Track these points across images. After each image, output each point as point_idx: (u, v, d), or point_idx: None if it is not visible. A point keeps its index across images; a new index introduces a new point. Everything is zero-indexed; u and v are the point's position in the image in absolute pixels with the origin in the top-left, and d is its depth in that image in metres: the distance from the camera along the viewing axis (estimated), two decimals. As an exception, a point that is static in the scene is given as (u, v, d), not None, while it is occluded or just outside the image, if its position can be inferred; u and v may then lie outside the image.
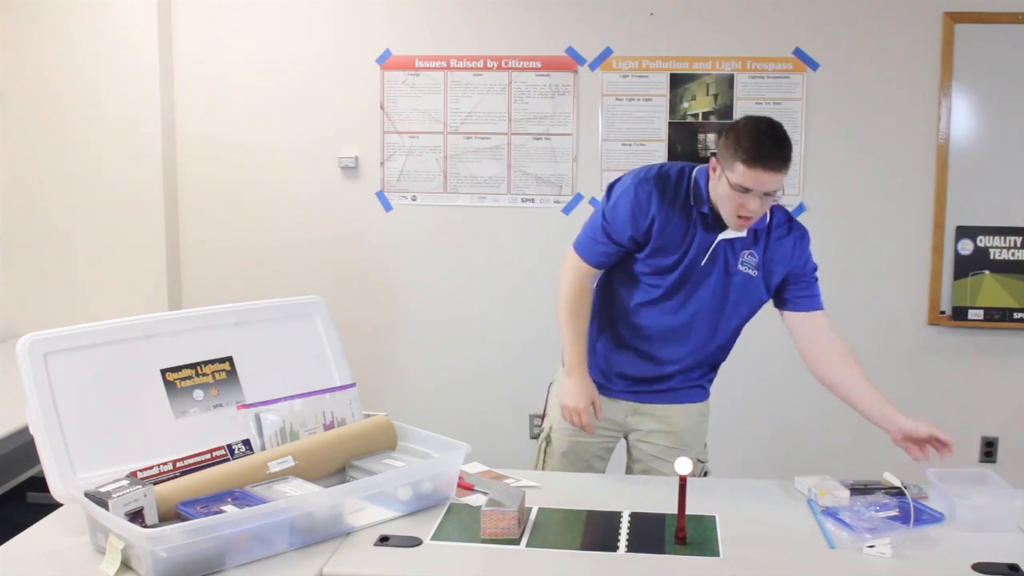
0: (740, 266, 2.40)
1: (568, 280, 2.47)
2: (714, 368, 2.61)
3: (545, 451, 2.63)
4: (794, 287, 2.46)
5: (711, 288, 2.41)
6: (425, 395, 4.17)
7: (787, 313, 2.49)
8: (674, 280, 2.40)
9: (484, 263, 4.17)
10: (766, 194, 2.23)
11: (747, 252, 2.40)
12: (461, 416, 4.10)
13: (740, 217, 2.28)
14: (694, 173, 2.38)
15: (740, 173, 2.20)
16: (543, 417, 2.71)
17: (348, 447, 2.21)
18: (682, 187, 2.37)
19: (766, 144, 2.19)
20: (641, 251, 2.40)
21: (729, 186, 2.23)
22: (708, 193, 2.34)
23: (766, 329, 4.09)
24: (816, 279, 2.49)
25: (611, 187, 2.45)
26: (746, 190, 2.21)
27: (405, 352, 4.23)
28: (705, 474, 2.57)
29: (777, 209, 2.44)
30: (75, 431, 1.96)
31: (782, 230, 2.43)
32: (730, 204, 2.27)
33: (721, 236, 2.36)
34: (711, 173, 2.31)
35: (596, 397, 2.46)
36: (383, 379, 4.11)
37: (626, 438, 2.63)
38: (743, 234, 2.37)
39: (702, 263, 2.38)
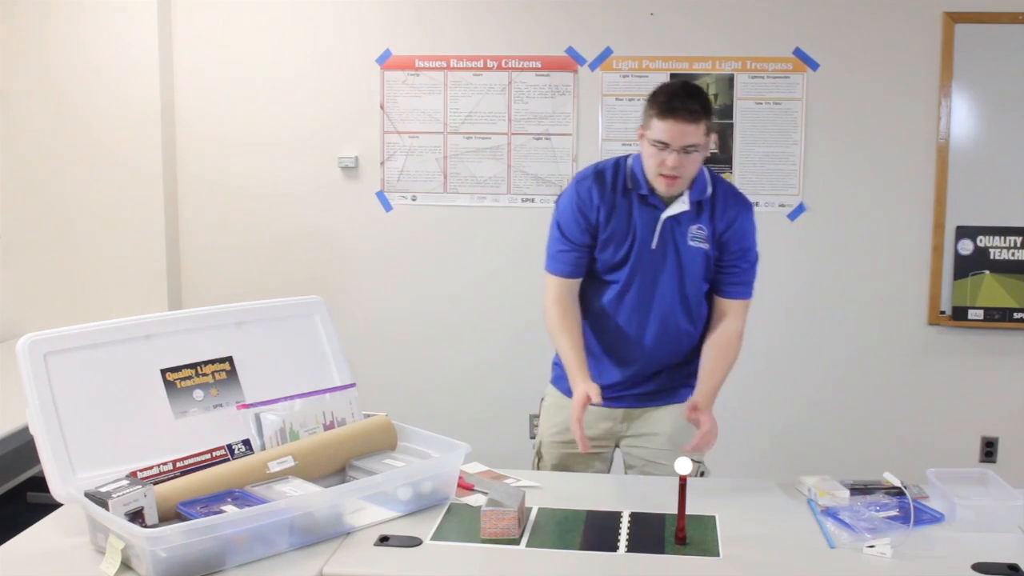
0: (691, 241, 2.43)
1: (549, 300, 2.51)
2: (697, 350, 2.57)
3: (537, 466, 2.64)
4: (729, 270, 2.48)
5: (668, 269, 2.44)
6: (425, 395, 4.17)
7: (716, 297, 2.53)
8: (630, 268, 2.43)
9: (484, 263, 4.17)
10: (686, 150, 2.28)
11: (695, 226, 2.43)
12: (461, 416, 4.10)
13: (662, 176, 2.32)
14: (629, 161, 2.45)
15: (655, 128, 2.29)
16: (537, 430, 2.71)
17: (348, 447, 2.21)
18: (619, 177, 2.44)
19: (677, 97, 2.28)
20: (595, 244, 2.45)
21: (650, 145, 2.31)
22: (645, 176, 2.39)
23: (765, 329, 4.11)
24: (751, 265, 2.51)
25: (557, 201, 2.54)
26: (664, 145, 2.28)
27: (405, 352, 4.23)
28: (702, 474, 2.57)
29: (720, 181, 2.49)
30: (75, 431, 1.96)
31: (728, 200, 2.46)
32: (652, 163, 2.33)
33: (665, 214, 2.40)
34: (640, 141, 2.38)
35: (590, 389, 2.35)
36: (383, 379, 4.11)
37: (619, 445, 2.63)
38: (686, 207, 2.40)
39: (653, 246, 2.42)
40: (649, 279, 2.44)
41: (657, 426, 2.55)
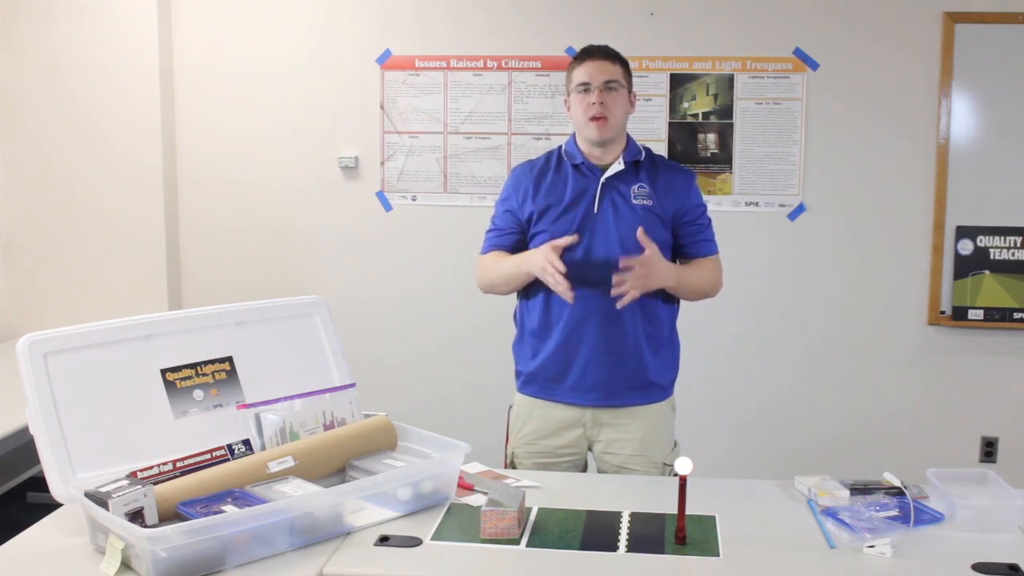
0: (634, 199, 2.49)
1: (480, 272, 2.63)
2: (658, 338, 2.57)
3: None
4: (688, 229, 2.54)
5: (615, 229, 2.47)
6: (425, 395, 4.17)
7: (684, 259, 2.59)
8: (575, 231, 2.47)
9: (484, 263, 4.16)
10: (607, 85, 2.45)
11: (636, 185, 2.51)
12: (461, 416, 4.10)
13: (593, 120, 2.46)
14: (563, 144, 2.61)
15: (577, 75, 2.49)
16: (506, 442, 2.70)
17: (348, 447, 2.21)
18: (552, 157, 2.60)
19: (591, 45, 2.54)
20: (535, 222, 2.52)
21: (576, 95, 2.49)
22: (579, 148, 2.53)
23: (765, 329, 4.10)
24: (709, 223, 2.60)
25: None
26: (586, 86, 2.46)
27: (405, 352, 4.23)
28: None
29: (654, 153, 2.61)
30: (75, 431, 1.96)
31: (669, 166, 2.60)
32: (580, 111, 2.48)
33: (604, 177, 2.50)
34: (567, 112, 2.57)
35: (548, 244, 2.43)
36: (383, 379, 4.10)
37: (591, 449, 2.63)
38: (622, 167, 2.49)
39: (596, 210, 2.49)
40: (596, 239, 2.48)
41: (628, 432, 2.55)
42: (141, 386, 2.09)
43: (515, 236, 2.58)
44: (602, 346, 2.50)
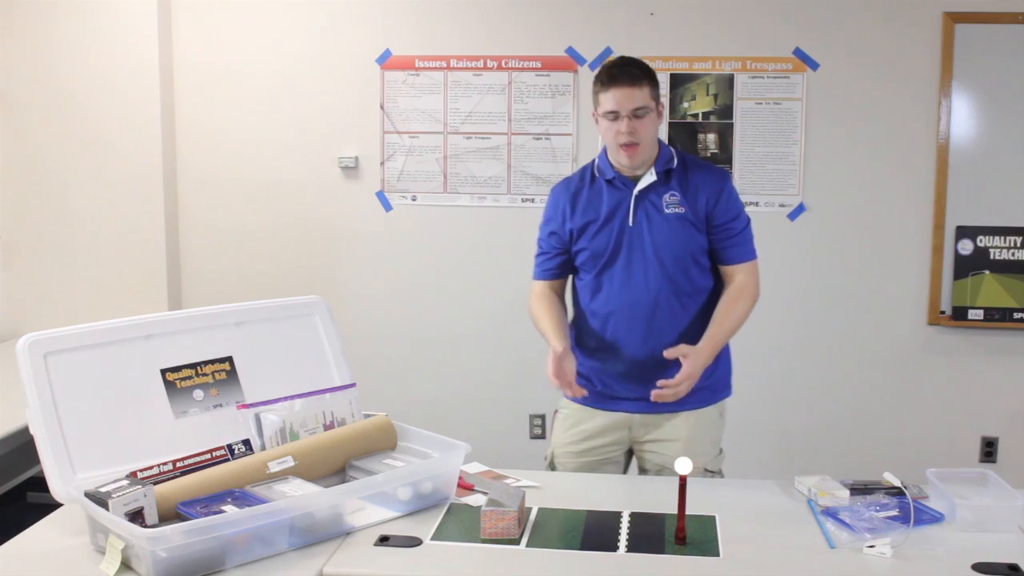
0: (667, 209, 2.48)
1: (531, 299, 2.64)
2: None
3: None
4: (719, 234, 2.51)
5: (650, 241, 2.47)
6: (425, 395, 4.17)
7: (722, 268, 2.57)
8: (612, 245, 2.49)
9: (484, 263, 4.16)
10: (635, 114, 2.39)
11: (668, 194, 2.49)
12: (461, 416, 4.10)
13: (623, 147, 2.42)
14: (596, 159, 2.58)
15: (604, 101, 2.43)
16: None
17: (348, 447, 2.21)
18: (587, 173, 2.58)
19: (616, 67, 2.44)
20: (575, 240, 2.54)
21: (604, 120, 2.44)
22: (610, 162, 2.51)
23: (766, 330, 4.11)
24: (745, 227, 2.56)
25: None
26: (615, 114, 2.40)
27: (405, 352, 4.23)
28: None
29: (689, 156, 2.58)
30: (75, 431, 1.96)
31: (701, 168, 2.54)
32: (610, 137, 2.44)
33: (636, 190, 2.48)
34: (597, 127, 2.51)
35: (557, 347, 2.43)
36: (383, 379, 4.10)
37: (631, 451, 2.63)
38: (654, 178, 2.48)
39: (631, 224, 2.48)
40: (634, 253, 2.48)
41: (674, 432, 2.54)
42: (141, 386, 2.10)
43: (562, 258, 2.60)
44: (643, 359, 2.50)
